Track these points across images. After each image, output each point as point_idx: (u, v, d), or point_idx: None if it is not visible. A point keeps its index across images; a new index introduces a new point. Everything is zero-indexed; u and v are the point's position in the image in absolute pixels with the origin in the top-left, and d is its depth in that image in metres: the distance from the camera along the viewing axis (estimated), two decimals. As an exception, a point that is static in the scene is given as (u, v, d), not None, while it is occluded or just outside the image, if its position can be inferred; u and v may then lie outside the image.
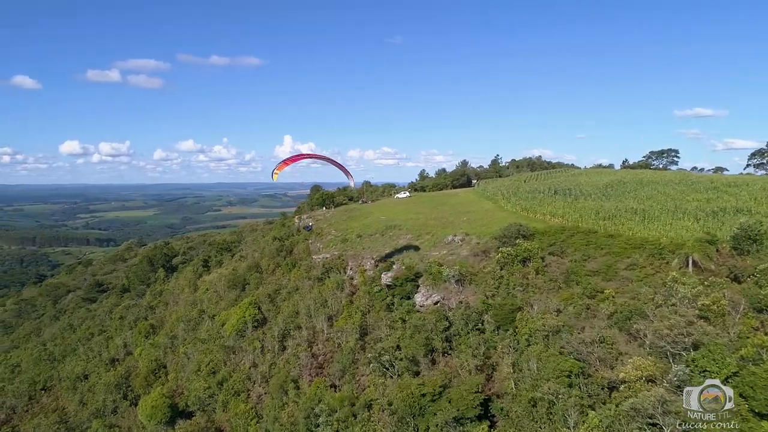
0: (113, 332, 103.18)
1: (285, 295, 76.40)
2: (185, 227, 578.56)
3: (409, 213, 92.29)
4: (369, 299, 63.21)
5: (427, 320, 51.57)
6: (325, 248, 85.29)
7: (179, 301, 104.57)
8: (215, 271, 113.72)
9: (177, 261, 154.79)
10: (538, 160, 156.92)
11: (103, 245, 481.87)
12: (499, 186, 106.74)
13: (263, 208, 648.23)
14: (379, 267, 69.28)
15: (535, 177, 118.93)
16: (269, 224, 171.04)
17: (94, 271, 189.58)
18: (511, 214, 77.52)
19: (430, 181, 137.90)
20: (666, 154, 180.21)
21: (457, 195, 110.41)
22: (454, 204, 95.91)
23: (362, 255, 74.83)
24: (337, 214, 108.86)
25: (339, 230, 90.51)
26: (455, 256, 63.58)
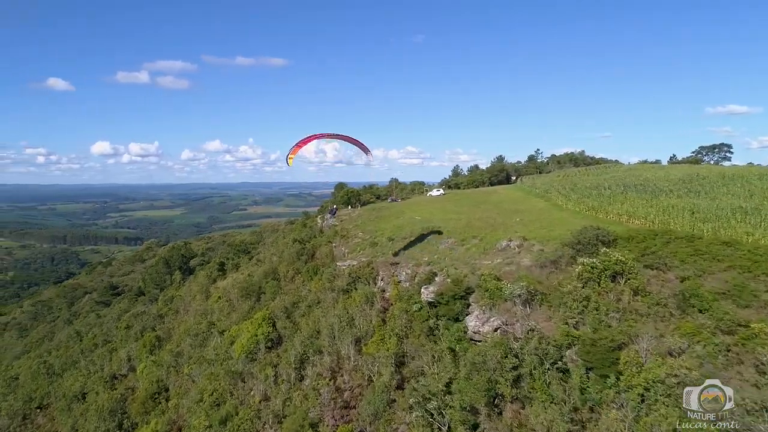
0: (118, 343, 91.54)
1: (304, 309, 63.44)
2: (211, 226, 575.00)
3: (448, 212, 78.79)
4: (406, 320, 49.79)
5: (489, 356, 37.89)
6: (351, 253, 72.19)
7: (189, 310, 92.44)
8: (230, 276, 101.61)
9: (195, 263, 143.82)
10: (581, 155, 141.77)
11: (130, 244, 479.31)
12: (546, 182, 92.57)
13: (288, 208, 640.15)
14: (418, 278, 55.99)
15: (585, 172, 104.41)
16: (291, 224, 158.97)
17: (112, 271, 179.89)
18: (573, 214, 63.58)
19: (465, 177, 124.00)
20: (718, 149, 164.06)
21: (498, 192, 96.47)
22: (497, 202, 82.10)
23: (395, 262, 61.52)
24: (364, 213, 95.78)
25: (367, 232, 77.34)
26: (514, 266, 49.81)
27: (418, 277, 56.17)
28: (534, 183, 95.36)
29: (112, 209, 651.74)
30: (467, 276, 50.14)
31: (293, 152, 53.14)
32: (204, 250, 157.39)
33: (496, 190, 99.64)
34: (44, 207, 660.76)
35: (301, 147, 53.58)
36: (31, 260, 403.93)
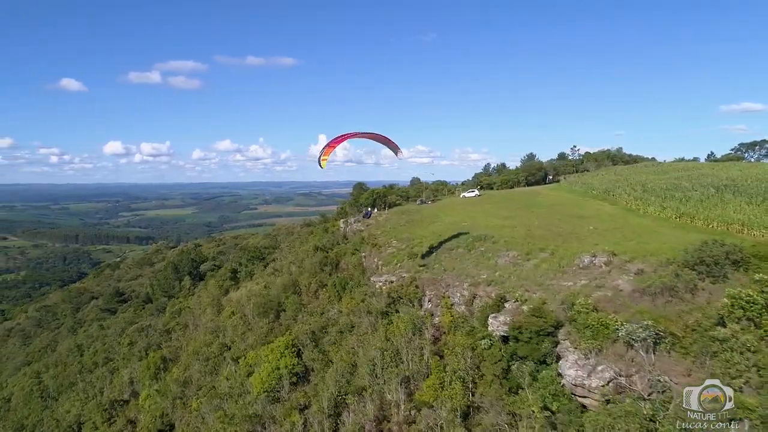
0: (120, 362, 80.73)
1: (335, 335, 52.10)
2: (222, 226, 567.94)
3: (494, 217, 67.24)
4: (472, 359, 38.43)
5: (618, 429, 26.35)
6: (385, 266, 60.72)
7: (199, 325, 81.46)
8: (244, 286, 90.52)
9: (205, 267, 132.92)
10: (619, 152, 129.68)
11: (142, 243, 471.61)
12: (599, 181, 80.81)
13: (298, 207, 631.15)
14: (479, 302, 44.64)
15: (636, 170, 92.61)
16: (307, 226, 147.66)
17: (119, 275, 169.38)
18: (660, 221, 52.11)
19: (497, 176, 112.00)
20: (759, 146, 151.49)
21: (543, 193, 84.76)
22: (550, 205, 70.53)
23: (444, 280, 50.02)
24: (393, 217, 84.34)
25: (401, 240, 65.83)
26: (609, 291, 38.23)
27: (479, 301, 44.79)
28: (583, 182, 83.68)
29: (124, 208, 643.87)
30: (547, 303, 38.70)
31: (326, 153, 48.29)
32: (215, 254, 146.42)
33: (539, 191, 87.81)
34: (57, 206, 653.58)
35: (333, 147, 48.83)
36: (44, 260, 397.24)
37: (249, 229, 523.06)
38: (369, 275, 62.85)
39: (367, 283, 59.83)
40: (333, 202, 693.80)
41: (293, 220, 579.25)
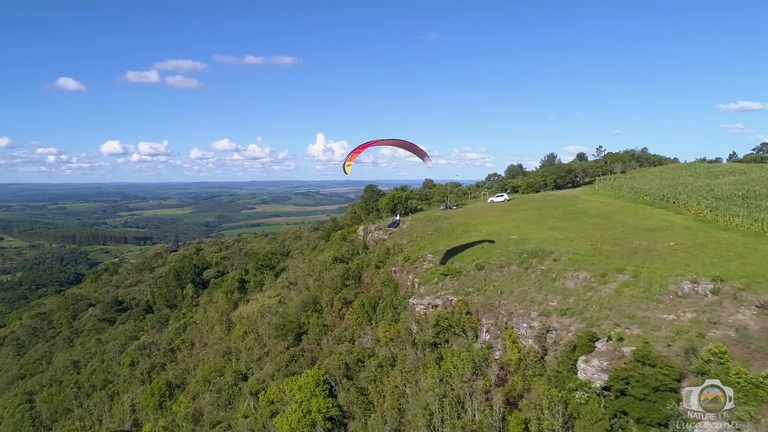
0: (120, 385, 72.34)
1: (374, 370, 43.89)
2: (220, 225, 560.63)
3: (540, 227, 59.22)
4: (563, 416, 30.46)
5: None
6: (423, 284, 52.60)
7: (207, 344, 73.27)
8: (255, 298, 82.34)
9: (209, 274, 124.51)
10: (644, 153, 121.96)
11: (140, 243, 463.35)
12: (642, 185, 73.06)
13: (297, 207, 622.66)
14: (554, 336, 36.73)
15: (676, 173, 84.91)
16: (314, 231, 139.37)
17: (118, 280, 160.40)
18: (749, 235, 44.26)
19: (523, 179, 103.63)
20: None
21: (582, 199, 77.05)
22: (602, 214, 62.66)
23: (504, 307, 41.99)
24: (417, 225, 76.35)
25: (437, 254, 57.68)
26: (729, 329, 30.42)
27: (554, 335, 36.84)
28: (628, 187, 75.87)
29: (122, 208, 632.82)
30: (650, 343, 30.80)
31: (350, 159, 46.70)
32: (218, 260, 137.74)
33: (577, 196, 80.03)
34: (54, 206, 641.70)
35: (358, 153, 47.09)
36: (41, 260, 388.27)
37: (247, 228, 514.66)
38: (403, 294, 54.89)
39: (404, 305, 51.86)
40: (331, 201, 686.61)
41: (292, 219, 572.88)
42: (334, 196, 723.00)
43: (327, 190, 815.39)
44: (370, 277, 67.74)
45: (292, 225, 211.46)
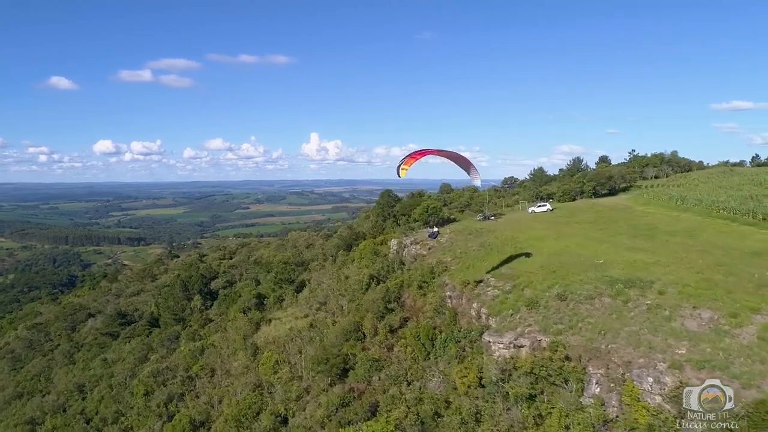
0: (134, 419, 64.37)
1: (457, 428, 36.53)
2: (215, 225, 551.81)
3: (612, 247, 52.12)
4: None
5: None
6: (494, 314, 45.06)
7: (231, 371, 65.47)
8: (277, 318, 74.83)
9: (217, 285, 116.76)
10: (675, 157, 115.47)
11: (133, 244, 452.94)
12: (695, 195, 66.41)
13: (291, 206, 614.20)
14: (696, 396, 29.53)
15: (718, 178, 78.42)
16: (328, 238, 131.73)
17: (119, 289, 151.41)
18: None
19: (558, 185, 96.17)
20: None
21: (635, 209, 70.32)
22: (670, 229, 56.04)
23: (616, 352, 34.73)
24: (458, 238, 69.17)
25: (501, 278, 50.26)
26: None
27: (696, 394, 29.60)
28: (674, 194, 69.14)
29: (114, 208, 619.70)
30: None
31: (406, 163, 44.71)
32: (226, 268, 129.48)
33: (630, 206, 73.19)
34: (46, 206, 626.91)
35: (416, 159, 45.54)
36: (33, 262, 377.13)
37: (242, 228, 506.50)
38: (467, 326, 47.50)
39: (470, 339, 44.59)
40: (326, 201, 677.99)
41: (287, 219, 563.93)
42: (329, 196, 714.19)
43: (321, 189, 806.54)
44: (413, 300, 60.41)
45: (300, 230, 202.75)
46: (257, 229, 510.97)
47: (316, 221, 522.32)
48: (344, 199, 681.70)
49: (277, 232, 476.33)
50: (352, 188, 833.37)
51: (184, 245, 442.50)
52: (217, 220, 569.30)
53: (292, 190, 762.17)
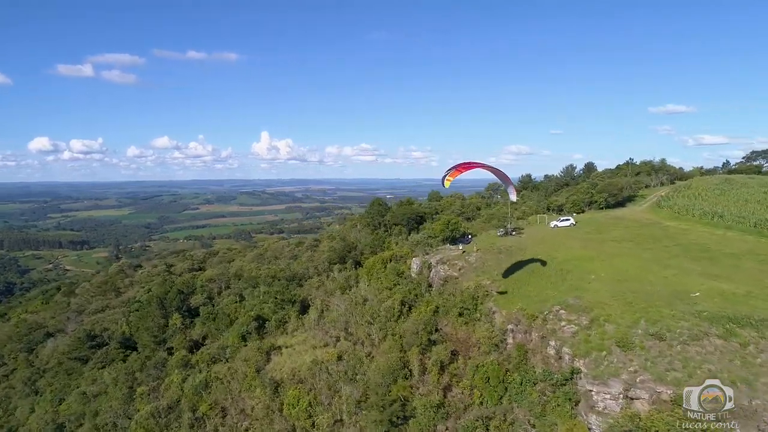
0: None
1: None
2: (162, 227, 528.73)
3: (678, 272, 48.29)
4: None
5: None
6: (581, 355, 39.74)
7: (247, 411, 57.71)
8: (290, 345, 67.49)
9: (197, 301, 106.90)
10: (664, 164, 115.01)
11: (76, 248, 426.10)
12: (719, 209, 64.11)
13: (242, 206, 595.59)
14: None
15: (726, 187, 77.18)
16: (314, 248, 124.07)
17: (79, 304, 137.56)
18: None
19: (565, 196, 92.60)
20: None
21: (666, 225, 67.41)
22: (728, 251, 52.77)
23: (763, 409, 30.31)
24: (488, 257, 63.94)
25: (571, 310, 45.14)
26: None
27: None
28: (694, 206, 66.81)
29: (53, 209, 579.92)
30: None
31: (452, 175, 48.56)
32: (203, 282, 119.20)
33: (658, 221, 70.06)
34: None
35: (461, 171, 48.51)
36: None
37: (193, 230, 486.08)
38: (543, 367, 42.22)
39: (551, 381, 39.42)
40: (278, 201, 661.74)
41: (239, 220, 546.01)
42: (281, 195, 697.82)
43: (273, 189, 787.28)
44: (453, 329, 54.84)
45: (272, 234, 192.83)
46: (209, 230, 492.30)
47: (269, 222, 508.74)
48: (297, 198, 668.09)
49: (231, 234, 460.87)
50: (304, 188, 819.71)
51: (131, 248, 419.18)
52: (165, 222, 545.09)
53: (243, 189, 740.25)
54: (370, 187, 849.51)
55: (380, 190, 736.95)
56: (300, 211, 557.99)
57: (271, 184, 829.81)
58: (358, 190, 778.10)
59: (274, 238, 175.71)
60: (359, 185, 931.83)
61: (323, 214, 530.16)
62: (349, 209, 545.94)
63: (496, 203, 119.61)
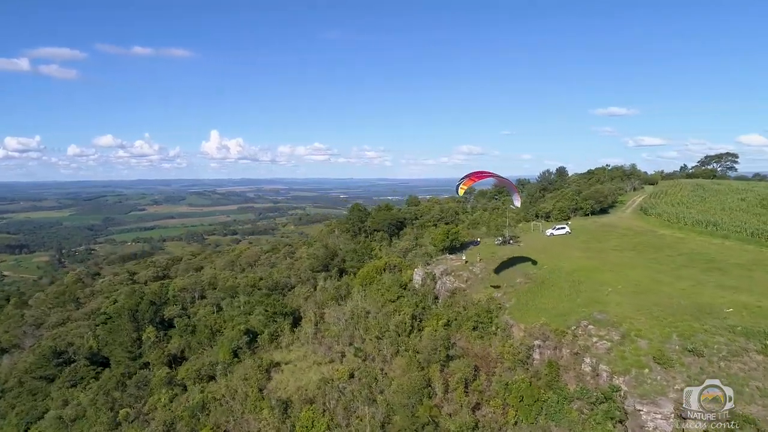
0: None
1: None
2: (107, 228, 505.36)
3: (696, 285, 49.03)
4: None
5: None
6: (622, 373, 39.26)
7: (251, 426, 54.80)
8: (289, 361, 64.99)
9: (171, 312, 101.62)
10: (635, 170, 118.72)
11: (14, 252, 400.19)
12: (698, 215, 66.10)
13: (192, 207, 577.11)
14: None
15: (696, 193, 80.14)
16: (291, 255, 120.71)
17: (36, 317, 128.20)
18: None
19: (552, 202, 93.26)
20: (723, 159, 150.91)
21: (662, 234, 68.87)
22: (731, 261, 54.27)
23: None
24: (493, 268, 63.36)
25: (601, 326, 44.82)
26: None
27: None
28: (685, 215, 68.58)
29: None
30: None
31: (465, 184, 53.27)
32: (175, 292, 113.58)
33: (652, 230, 71.31)
34: None
35: (474, 180, 53.77)
36: None
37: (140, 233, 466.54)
38: (579, 385, 41.78)
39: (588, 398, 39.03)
40: (230, 201, 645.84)
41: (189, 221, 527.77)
42: (232, 196, 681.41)
43: (223, 189, 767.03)
44: (467, 343, 53.95)
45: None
46: (158, 232, 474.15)
47: (222, 222, 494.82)
48: (249, 199, 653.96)
49: (182, 236, 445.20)
50: (256, 188, 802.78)
51: (75, 252, 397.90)
52: (110, 223, 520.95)
53: (192, 190, 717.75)
54: (324, 187, 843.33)
55: (334, 190, 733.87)
56: (253, 211, 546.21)
57: (221, 184, 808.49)
58: (311, 190, 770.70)
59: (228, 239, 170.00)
60: (312, 185, 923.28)
61: (277, 214, 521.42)
62: (304, 209, 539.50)
63: (475, 208, 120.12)
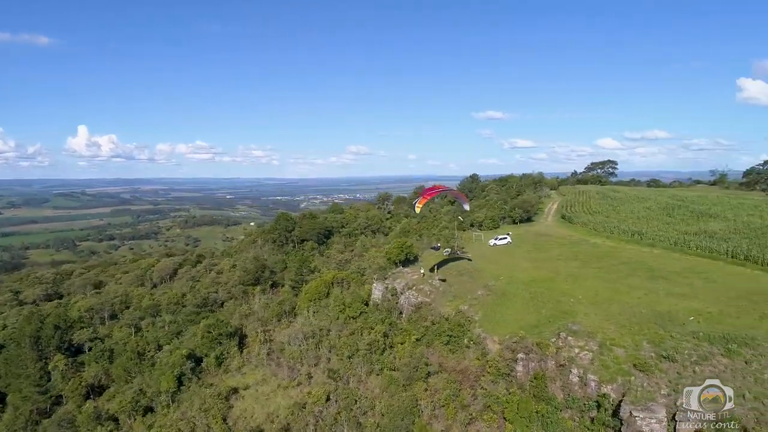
0: None
1: None
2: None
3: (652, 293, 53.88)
4: None
5: None
6: (607, 381, 42.11)
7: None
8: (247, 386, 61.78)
9: (81, 337, 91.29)
10: (540, 176, 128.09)
11: None
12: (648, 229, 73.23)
13: (58, 210, 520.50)
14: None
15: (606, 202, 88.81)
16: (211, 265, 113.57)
17: None
18: None
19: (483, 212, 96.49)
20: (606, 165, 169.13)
21: (593, 243, 74.68)
22: (669, 269, 60.41)
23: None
24: (454, 281, 64.98)
25: (577, 336, 48.08)
26: None
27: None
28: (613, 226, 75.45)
29: None
30: None
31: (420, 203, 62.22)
32: (82, 313, 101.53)
33: (584, 239, 77.21)
34: None
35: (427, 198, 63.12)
36: None
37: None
38: (564, 392, 44.42)
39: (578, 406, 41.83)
40: (102, 203, 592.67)
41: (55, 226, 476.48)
42: (105, 197, 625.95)
43: (94, 189, 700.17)
44: (443, 358, 55.02)
45: (106, 243, 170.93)
46: (19, 239, 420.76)
47: (95, 227, 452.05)
48: (125, 200, 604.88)
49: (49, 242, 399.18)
50: (132, 188, 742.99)
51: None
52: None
53: (58, 191, 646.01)
54: (209, 187, 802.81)
55: (220, 190, 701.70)
56: (130, 214, 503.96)
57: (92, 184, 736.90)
58: (195, 191, 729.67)
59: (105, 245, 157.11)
60: (196, 185, 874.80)
61: (158, 216, 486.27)
62: (188, 211, 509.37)
63: (394, 215, 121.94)
